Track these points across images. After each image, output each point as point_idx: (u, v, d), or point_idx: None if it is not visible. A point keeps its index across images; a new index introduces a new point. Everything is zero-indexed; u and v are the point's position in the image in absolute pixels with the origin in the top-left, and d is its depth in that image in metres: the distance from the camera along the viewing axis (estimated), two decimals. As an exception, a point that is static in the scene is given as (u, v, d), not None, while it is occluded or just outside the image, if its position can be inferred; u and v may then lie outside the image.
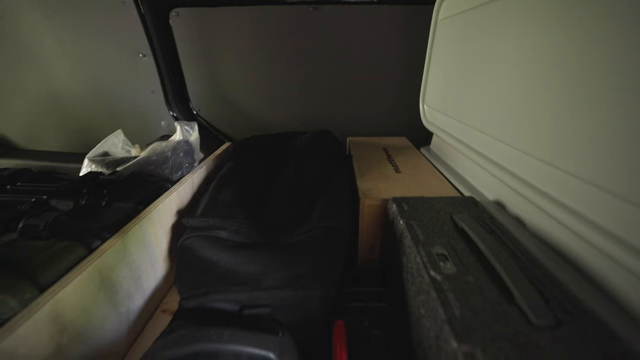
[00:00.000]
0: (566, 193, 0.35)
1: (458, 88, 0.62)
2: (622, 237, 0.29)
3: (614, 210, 0.29)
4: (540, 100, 0.39)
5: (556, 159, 0.37)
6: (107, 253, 0.40)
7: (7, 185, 0.59)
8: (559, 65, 0.36)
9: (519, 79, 0.44)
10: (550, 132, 0.38)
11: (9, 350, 0.27)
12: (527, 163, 0.42)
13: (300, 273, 0.37)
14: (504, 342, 0.24)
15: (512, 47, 0.45)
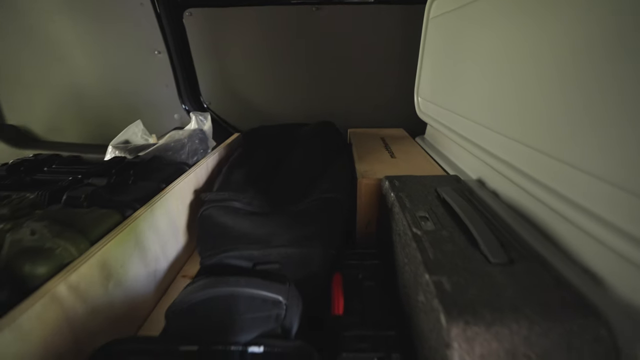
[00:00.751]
0: (532, 166, 0.41)
1: (446, 80, 0.68)
2: (569, 196, 0.35)
3: (565, 175, 0.35)
4: (512, 89, 0.45)
5: (526, 138, 0.43)
6: (138, 219, 0.47)
7: (44, 168, 0.67)
8: (526, 60, 0.42)
9: (495, 71, 0.50)
10: (521, 115, 0.44)
11: (74, 284, 0.34)
12: (504, 144, 0.48)
13: (304, 234, 0.43)
14: (465, 273, 0.30)
15: (488, 43, 0.51)
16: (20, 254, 0.35)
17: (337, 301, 0.38)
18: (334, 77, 1.09)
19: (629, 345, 0.25)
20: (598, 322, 0.25)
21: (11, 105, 1.16)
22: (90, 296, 0.36)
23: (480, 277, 0.30)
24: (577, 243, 0.34)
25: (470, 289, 0.28)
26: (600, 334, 0.25)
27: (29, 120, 1.18)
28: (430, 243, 0.35)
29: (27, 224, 0.38)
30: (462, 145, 0.61)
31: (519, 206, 0.45)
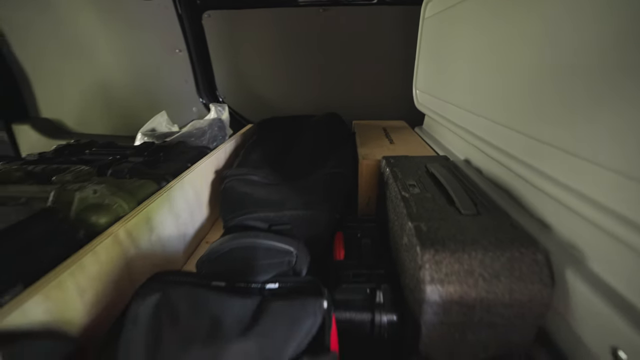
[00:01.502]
0: (507, 142, 0.48)
1: (438, 72, 0.75)
2: (531, 163, 0.42)
3: (530, 146, 0.42)
4: (492, 77, 0.53)
5: (502, 119, 0.50)
6: (172, 189, 0.56)
7: (86, 150, 0.76)
8: (502, 52, 0.49)
9: (477, 63, 0.57)
10: (499, 100, 0.51)
11: (129, 231, 0.42)
12: (486, 126, 0.55)
13: (313, 200, 0.52)
14: (439, 221, 0.38)
15: (470, 38, 0.59)
16: (87, 208, 0.44)
17: (338, 250, 0.46)
18: (339, 73, 1.17)
19: (561, 267, 0.32)
20: (536, 250, 0.33)
21: (46, 100, 1.27)
22: (140, 243, 0.45)
23: (451, 223, 0.38)
24: (534, 200, 0.42)
25: (442, 230, 0.36)
26: (538, 258, 0.32)
27: (61, 113, 1.29)
28: (415, 202, 0.43)
29: (90, 186, 0.47)
30: (453, 130, 0.68)
31: (493, 175, 0.52)
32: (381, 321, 0.37)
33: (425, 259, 0.33)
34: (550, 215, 0.38)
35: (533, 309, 0.32)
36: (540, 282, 0.32)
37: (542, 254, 0.33)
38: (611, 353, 0.27)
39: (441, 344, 0.35)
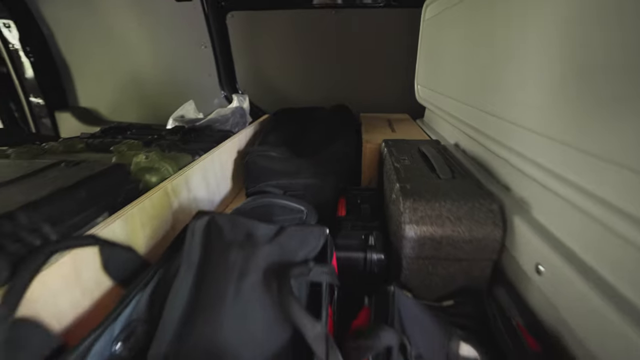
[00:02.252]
0: (484, 124, 0.57)
1: (434, 67, 0.84)
2: (501, 140, 0.51)
3: (501, 127, 0.51)
4: (475, 70, 0.62)
5: (484, 106, 0.59)
6: (204, 161, 0.67)
7: (128, 132, 0.89)
8: (483, 48, 0.58)
9: (463, 58, 0.66)
10: (481, 89, 0.60)
11: (174, 187, 0.54)
12: (470, 112, 0.64)
13: (321, 171, 0.62)
14: (421, 182, 0.48)
15: (458, 37, 0.68)
16: (141, 169, 0.55)
17: (340, 209, 0.56)
18: (348, 69, 1.27)
19: (513, 215, 0.42)
20: (492, 202, 0.42)
21: (84, 91, 1.41)
22: (180, 198, 0.56)
23: (429, 183, 0.47)
24: (500, 169, 0.51)
25: (422, 188, 0.46)
26: (493, 208, 0.42)
27: (97, 103, 1.43)
28: (404, 170, 0.53)
29: (142, 153, 0.58)
30: (445, 119, 0.77)
31: (473, 153, 0.61)
32: (372, 259, 0.47)
33: (405, 206, 0.43)
34: (510, 179, 0.47)
35: (488, 245, 0.41)
36: (494, 225, 0.41)
37: (497, 205, 0.42)
38: (535, 269, 0.36)
39: (418, 276, 0.45)
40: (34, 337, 0.28)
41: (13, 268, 0.30)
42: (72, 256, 0.34)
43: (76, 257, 0.34)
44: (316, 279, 0.35)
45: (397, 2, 1.10)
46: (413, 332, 0.35)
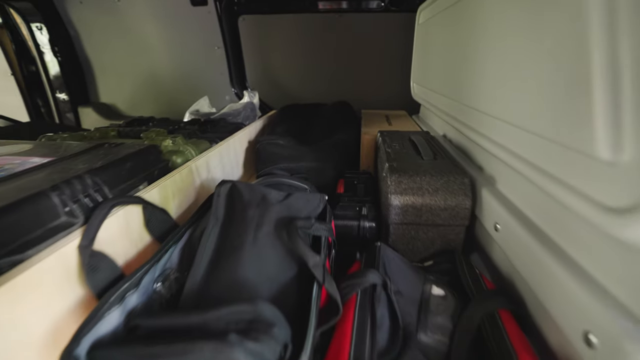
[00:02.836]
0: (464, 115, 0.65)
1: (426, 66, 0.93)
2: (478, 129, 0.59)
3: (479, 118, 0.60)
4: (456, 68, 0.70)
5: (465, 100, 0.67)
6: (220, 147, 0.76)
7: (150, 123, 0.98)
8: (461, 50, 0.67)
9: (447, 58, 0.74)
10: (463, 86, 0.68)
11: (198, 166, 0.62)
12: (455, 106, 0.72)
13: (322, 157, 0.70)
14: (407, 162, 0.56)
15: (443, 39, 0.76)
16: (169, 151, 0.64)
17: (339, 187, 0.65)
18: (351, 69, 1.35)
19: (482, 188, 0.50)
20: (464, 177, 0.50)
21: (105, 87, 1.51)
22: (201, 177, 0.65)
23: (414, 163, 0.55)
24: (476, 153, 0.59)
25: (407, 166, 0.54)
26: (464, 181, 0.50)
27: (116, 99, 1.53)
28: (394, 153, 0.61)
29: (169, 139, 0.68)
30: (436, 113, 0.85)
31: (457, 141, 0.70)
32: (364, 226, 0.55)
33: (392, 179, 0.51)
34: (483, 161, 0.56)
35: (460, 212, 0.49)
36: (464, 195, 0.49)
37: (468, 179, 0.50)
38: (494, 227, 0.44)
39: (403, 240, 0.53)
40: (103, 264, 0.37)
41: (88, 214, 0.39)
42: (124, 212, 0.43)
43: (127, 213, 0.43)
44: (316, 232, 0.43)
45: (396, 7, 1.19)
46: (394, 276, 0.43)
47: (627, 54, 0.21)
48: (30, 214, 0.35)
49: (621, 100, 0.22)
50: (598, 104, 0.24)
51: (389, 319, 0.39)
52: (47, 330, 0.32)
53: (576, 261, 0.30)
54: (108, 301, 0.33)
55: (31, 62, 1.43)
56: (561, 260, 0.31)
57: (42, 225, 0.35)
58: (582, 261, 0.29)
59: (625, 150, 0.22)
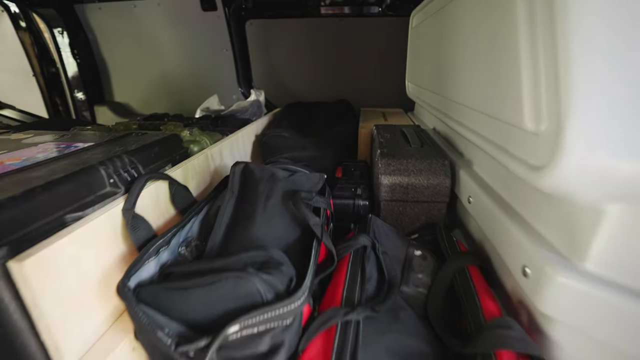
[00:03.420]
0: (450, 109, 0.73)
1: (418, 66, 1.01)
2: (460, 120, 0.66)
3: (461, 110, 0.67)
4: (441, 68, 0.77)
5: (449, 94, 0.74)
6: (231, 138, 0.84)
7: (164, 118, 1.07)
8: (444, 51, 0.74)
9: (433, 58, 0.82)
10: (447, 82, 0.76)
11: (213, 154, 0.70)
12: (441, 101, 0.80)
13: (322, 147, 0.78)
14: (397, 149, 0.64)
15: (429, 41, 0.84)
16: (187, 141, 0.73)
17: (337, 173, 0.73)
18: (351, 69, 1.44)
19: (460, 169, 0.57)
20: (445, 160, 0.58)
21: (119, 87, 1.61)
22: (215, 163, 0.73)
23: (402, 149, 0.63)
24: (458, 141, 0.66)
25: (396, 151, 0.62)
26: (445, 163, 0.57)
27: (130, 98, 1.62)
28: (385, 142, 0.69)
29: (186, 130, 0.76)
30: (427, 108, 0.93)
31: (444, 133, 0.77)
32: (358, 204, 0.63)
33: (382, 162, 0.59)
34: (463, 147, 0.63)
35: (441, 190, 0.57)
36: (445, 175, 0.57)
37: (448, 162, 0.58)
38: (467, 200, 0.52)
39: (392, 216, 0.61)
40: (142, 224, 0.44)
41: (128, 186, 0.47)
42: (155, 186, 0.51)
43: (157, 188, 0.51)
44: (316, 204, 0.51)
45: (392, 12, 1.27)
46: (382, 240, 0.51)
47: (542, 54, 0.29)
48: (85, 182, 0.43)
49: (540, 85, 0.29)
50: (525, 89, 0.31)
51: (376, 274, 0.47)
52: (101, 271, 0.40)
53: (520, 213, 0.37)
54: (147, 252, 0.41)
55: (51, 63, 1.52)
56: (511, 216, 0.39)
57: (93, 192, 0.44)
58: (522, 212, 0.36)
59: (543, 123, 0.29)
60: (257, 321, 0.32)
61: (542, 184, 0.30)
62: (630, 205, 0.26)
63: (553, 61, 0.27)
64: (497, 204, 0.43)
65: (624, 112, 0.24)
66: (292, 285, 0.36)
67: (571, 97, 0.25)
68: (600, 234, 0.28)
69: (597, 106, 0.24)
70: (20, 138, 0.64)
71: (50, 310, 0.34)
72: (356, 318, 0.36)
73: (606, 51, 0.24)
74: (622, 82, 0.24)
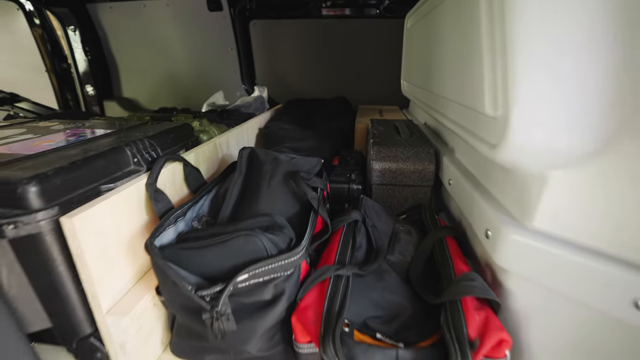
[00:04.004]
0: (437, 103, 0.80)
1: (411, 65, 1.07)
2: (444, 113, 0.73)
3: (444, 103, 0.74)
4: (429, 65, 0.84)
5: (435, 89, 0.81)
6: (237, 130, 0.90)
7: (174, 112, 1.13)
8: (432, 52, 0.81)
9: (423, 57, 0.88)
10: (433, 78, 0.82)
11: (221, 142, 0.77)
12: (429, 96, 0.86)
13: (321, 139, 0.85)
14: (388, 138, 0.70)
15: (419, 43, 0.90)
16: (197, 131, 0.79)
17: (334, 160, 0.79)
18: (350, 68, 1.51)
19: (442, 156, 0.64)
20: (430, 148, 0.64)
21: (128, 83, 1.67)
22: (223, 151, 0.80)
23: (393, 139, 0.70)
24: (444, 132, 0.73)
25: (387, 141, 0.68)
26: (430, 151, 0.64)
27: (138, 94, 1.69)
28: (378, 133, 0.75)
29: (197, 120, 0.83)
30: (418, 105, 1.00)
31: (433, 126, 0.84)
32: (352, 188, 0.70)
33: (374, 150, 0.65)
34: (447, 137, 0.70)
35: (426, 175, 0.64)
36: (429, 161, 0.63)
37: (433, 149, 0.64)
38: (448, 183, 0.58)
39: (382, 198, 0.67)
40: (162, 197, 0.51)
41: (149, 165, 0.53)
42: (172, 167, 0.57)
43: (174, 168, 0.58)
44: (314, 184, 0.58)
45: (389, 14, 1.34)
46: (372, 216, 0.57)
47: (498, 57, 0.35)
48: (114, 159, 0.49)
49: (497, 80, 0.36)
50: (486, 83, 0.38)
51: (366, 244, 0.53)
52: (130, 235, 0.46)
53: (487, 188, 0.44)
54: (168, 219, 0.48)
55: (63, 60, 1.59)
56: (480, 191, 0.45)
57: (120, 169, 0.50)
58: (488, 187, 0.43)
59: (498, 109, 0.36)
60: (263, 271, 0.39)
61: (498, 158, 0.36)
62: (565, 171, 0.33)
63: (504, 62, 0.33)
64: (470, 183, 0.50)
65: (555, 100, 0.31)
66: (292, 244, 0.42)
67: (515, 89, 0.32)
68: (544, 197, 0.35)
69: (534, 96, 0.31)
70: (48, 125, 0.70)
71: (91, 263, 0.40)
72: (346, 273, 0.43)
73: (541, 56, 0.30)
74: (553, 79, 0.30)
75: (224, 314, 0.39)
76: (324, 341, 0.36)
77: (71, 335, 0.47)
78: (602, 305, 0.31)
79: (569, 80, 0.29)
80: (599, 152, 0.30)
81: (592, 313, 0.33)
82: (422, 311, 0.44)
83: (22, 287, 0.42)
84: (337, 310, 0.38)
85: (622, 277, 0.29)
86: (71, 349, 0.49)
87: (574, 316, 0.35)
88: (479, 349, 0.34)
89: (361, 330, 0.40)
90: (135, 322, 0.45)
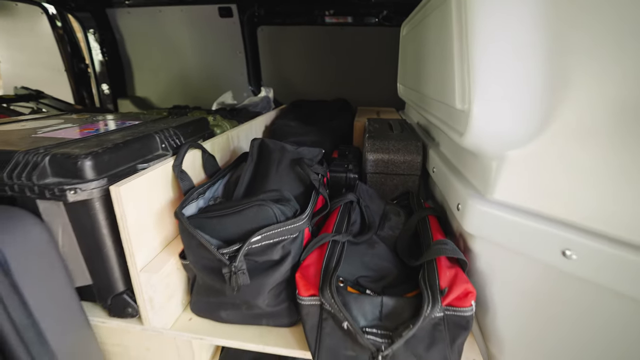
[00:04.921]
0: (425, 103, 0.88)
1: (406, 69, 1.16)
2: (432, 111, 0.82)
3: (431, 103, 0.82)
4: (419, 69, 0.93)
5: (424, 90, 0.90)
6: (246, 126, 0.99)
7: (187, 109, 1.22)
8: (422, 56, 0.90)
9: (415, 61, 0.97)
10: (423, 80, 0.91)
11: (231, 136, 0.86)
12: (420, 97, 0.95)
13: (323, 134, 0.94)
14: (381, 134, 0.79)
15: (413, 48, 0.99)
16: (211, 125, 0.88)
17: (334, 154, 0.88)
18: (351, 72, 1.61)
19: (429, 149, 0.72)
20: (418, 142, 0.73)
21: (141, 83, 1.77)
22: (234, 143, 0.88)
23: (386, 134, 0.78)
24: (432, 129, 0.81)
25: (380, 135, 0.77)
26: (418, 144, 0.73)
27: (150, 93, 1.78)
28: (373, 129, 0.84)
29: (210, 116, 0.91)
30: (412, 106, 1.08)
31: (423, 125, 0.92)
32: (349, 177, 0.78)
33: (368, 143, 0.74)
34: (434, 132, 0.79)
35: (414, 165, 0.72)
36: (417, 153, 0.72)
37: (420, 143, 0.73)
38: (432, 170, 0.67)
39: (375, 185, 0.76)
40: (186, 177, 0.59)
41: (174, 150, 0.62)
42: (192, 154, 0.66)
43: (194, 155, 0.66)
44: (316, 170, 0.66)
45: (388, 22, 1.44)
46: (365, 198, 0.66)
47: (466, 61, 0.44)
48: (146, 144, 0.58)
49: (465, 80, 0.45)
50: (457, 82, 0.46)
51: (359, 220, 0.62)
52: (159, 208, 0.55)
53: (460, 171, 0.52)
54: (192, 195, 0.56)
55: (81, 60, 1.69)
56: (455, 174, 0.54)
57: (151, 152, 0.59)
58: (462, 169, 0.52)
59: (465, 104, 0.44)
60: (273, 233, 0.47)
61: (464, 143, 0.45)
62: (514, 152, 0.41)
63: (468, 66, 0.42)
64: (448, 168, 0.58)
65: (503, 97, 0.39)
66: (297, 213, 0.51)
67: (475, 88, 0.41)
68: (502, 174, 0.43)
69: (488, 94, 0.40)
70: (81, 117, 0.79)
71: (131, 226, 0.49)
72: (342, 239, 0.51)
73: (493, 63, 0.39)
74: (505, 80, 0.39)
75: (240, 269, 0.47)
76: (323, 290, 0.44)
77: (107, 291, 0.55)
78: (542, 256, 0.39)
79: (512, 81, 0.37)
80: (536, 136, 0.38)
81: (538, 266, 0.41)
82: (405, 275, 0.52)
83: (72, 247, 0.51)
84: (333, 267, 0.46)
85: (554, 233, 0.38)
86: (106, 305, 0.57)
87: (526, 270, 0.43)
88: (447, 294, 0.42)
89: (353, 287, 0.49)
90: (163, 279, 0.53)
